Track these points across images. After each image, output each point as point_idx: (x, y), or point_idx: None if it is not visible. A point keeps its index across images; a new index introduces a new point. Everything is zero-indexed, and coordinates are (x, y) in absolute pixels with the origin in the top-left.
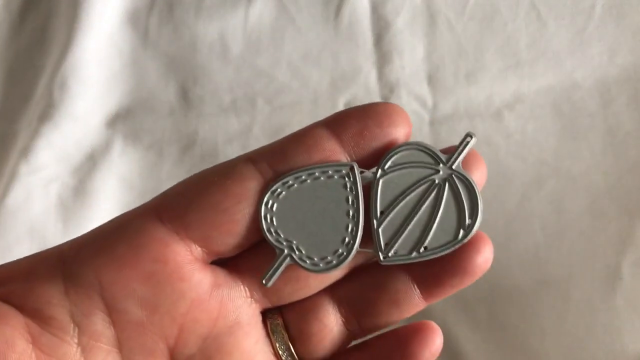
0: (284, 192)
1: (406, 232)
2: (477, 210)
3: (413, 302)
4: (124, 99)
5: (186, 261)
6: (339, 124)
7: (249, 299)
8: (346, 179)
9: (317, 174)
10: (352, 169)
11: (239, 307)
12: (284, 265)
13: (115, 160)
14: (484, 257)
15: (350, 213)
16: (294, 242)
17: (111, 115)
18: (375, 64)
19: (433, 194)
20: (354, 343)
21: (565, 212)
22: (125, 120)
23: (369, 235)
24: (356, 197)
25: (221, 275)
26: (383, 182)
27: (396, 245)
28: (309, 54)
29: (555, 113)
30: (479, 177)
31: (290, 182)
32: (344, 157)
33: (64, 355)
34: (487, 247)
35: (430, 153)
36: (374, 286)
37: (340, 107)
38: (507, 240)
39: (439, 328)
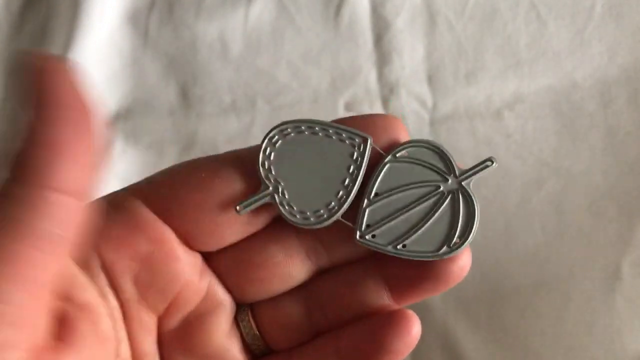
0: (292, 134)
1: (392, 223)
2: (469, 232)
3: (382, 303)
4: (124, 99)
5: (178, 244)
6: None
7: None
8: (356, 148)
9: (331, 131)
10: (365, 140)
11: (223, 293)
12: (262, 201)
13: (115, 160)
14: (461, 265)
15: (346, 182)
16: (282, 184)
17: (111, 115)
18: (375, 64)
19: (432, 200)
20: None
21: (565, 212)
22: (125, 120)
23: (355, 211)
24: (358, 168)
25: (203, 263)
26: (389, 168)
27: (377, 230)
28: (309, 54)
29: (555, 113)
30: None
31: (302, 127)
32: None
33: (105, 331)
34: (466, 255)
35: (446, 160)
36: (345, 283)
37: (340, 107)
38: (507, 240)
39: (416, 316)
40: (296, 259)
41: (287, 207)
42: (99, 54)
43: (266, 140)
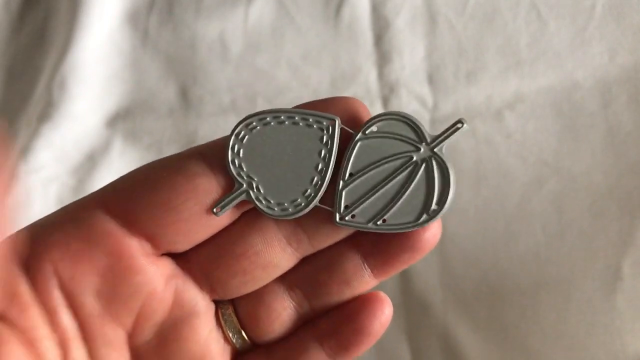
0: (258, 127)
1: (370, 200)
2: (445, 197)
3: (364, 281)
4: (124, 99)
5: (140, 254)
6: None
7: (201, 291)
8: (324, 131)
9: (297, 118)
10: (333, 122)
11: (194, 297)
12: (238, 199)
13: (114, 160)
14: (432, 233)
15: (319, 167)
16: (255, 179)
17: (111, 115)
18: (375, 63)
19: (407, 171)
20: None
21: (565, 212)
22: (125, 120)
23: (332, 194)
24: (329, 152)
25: (173, 266)
26: (360, 146)
27: (356, 210)
28: (309, 54)
29: (555, 113)
30: None
31: (268, 119)
32: None
33: (44, 353)
34: (437, 222)
35: (416, 129)
36: (324, 268)
37: None
38: (507, 240)
39: (387, 298)
40: (277, 246)
41: (263, 202)
42: (99, 54)
43: (233, 137)
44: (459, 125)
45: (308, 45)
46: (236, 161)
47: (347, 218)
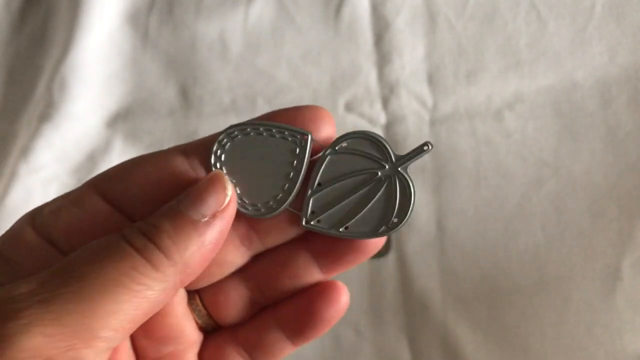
0: (239, 136)
1: (334, 208)
2: (405, 212)
3: (313, 276)
4: (124, 99)
5: None
6: None
7: None
8: (297, 144)
9: (273, 130)
10: (305, 137)
11: None
12: None
13: (115, 161)
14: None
15: (291, 175)
16: (233, 181)
17: (111, 115)
18: (375, 63)
19: (370, 186)
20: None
21: (565, 212)
22: (125, 120)
23: (302, 201)
24: (300, 163)
25: None
26: (329, 160)
27: (321, 216)
28: (309, 54)
29: (555, 113)
30: None
31: (248, 129)
32: None
33: None
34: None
35: (383, 148)
36: (278, 264)
37: (341, 106)
38: (507, 240)
39: (344, 287)
40: (230, 245)
41: (239, 201)
42: (99, 54)
43: (216, 144)
44: (425, 147)
45: (308, 45)
46: (218, 164)
47: (312, 222)
